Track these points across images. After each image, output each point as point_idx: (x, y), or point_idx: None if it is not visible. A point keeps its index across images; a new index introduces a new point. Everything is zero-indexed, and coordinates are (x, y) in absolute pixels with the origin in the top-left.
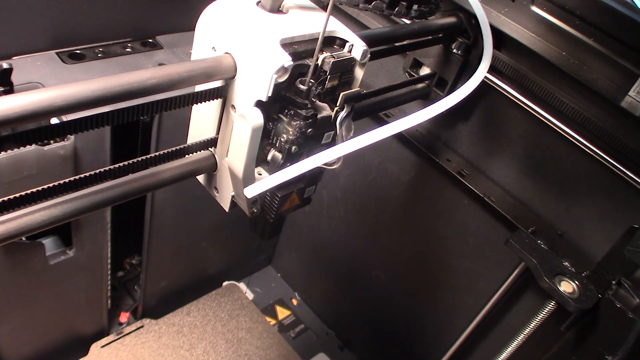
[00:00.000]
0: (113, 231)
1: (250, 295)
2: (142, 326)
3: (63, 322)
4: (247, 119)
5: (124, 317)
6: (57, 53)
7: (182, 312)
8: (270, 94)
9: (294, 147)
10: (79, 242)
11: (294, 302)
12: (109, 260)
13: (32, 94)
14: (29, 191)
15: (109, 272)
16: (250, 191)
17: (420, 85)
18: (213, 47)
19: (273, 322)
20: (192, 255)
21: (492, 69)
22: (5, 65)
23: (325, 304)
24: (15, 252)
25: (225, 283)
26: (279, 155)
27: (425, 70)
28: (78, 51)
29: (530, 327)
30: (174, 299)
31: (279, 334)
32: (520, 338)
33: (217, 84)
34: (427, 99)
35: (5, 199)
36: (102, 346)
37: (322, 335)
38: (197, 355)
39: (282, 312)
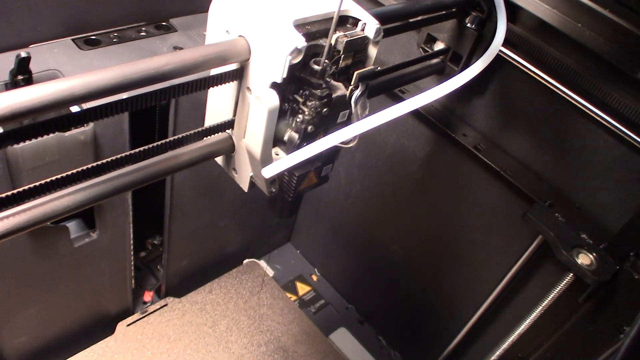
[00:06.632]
0: (134, 212)
1: (270, 272)
2: (166, 304)
3: (89, 302)
4: (262, 101)
5: (148, 296)
6: (73, 40)
7: (205, 290)
8: (285, 76)
9: (310, 127)
10: (102, 224)
11: (314, 278)
12: (131, 241)
13: (51, 84)
14: (53, 178)
15: (132, 252)
16: (268, 171)
17: (434, 61)
18: (227, 31)
19: (294, 298)
20: (212, 234)
21: (507, 42)
22: (23, 54)
23: (344, 279)
24: (41, 236)
25: (245, 261)
26: (296, 136)
27: (439, 46)
28: (93, 37)
29: (548, 299)
30: (196, 277)
31: (300, 309)
32: (538, 310)
33: (232, 66)
34: (441, 74)
35: (32, 186)
36: (128, 325)
37: (342, 310)
38: (220, 331)
39: (303, 288)
